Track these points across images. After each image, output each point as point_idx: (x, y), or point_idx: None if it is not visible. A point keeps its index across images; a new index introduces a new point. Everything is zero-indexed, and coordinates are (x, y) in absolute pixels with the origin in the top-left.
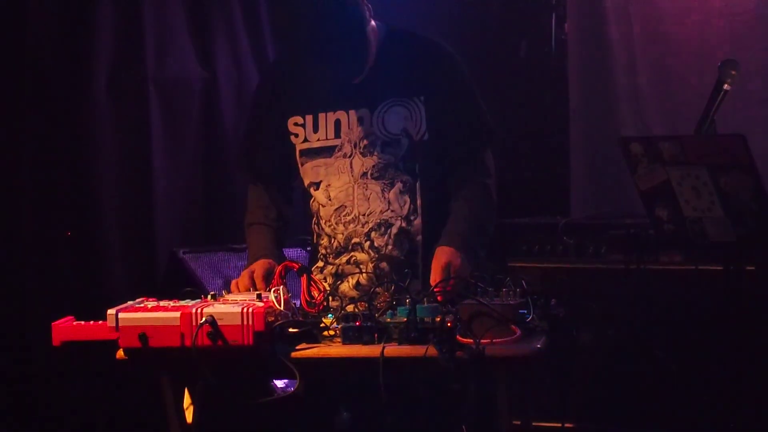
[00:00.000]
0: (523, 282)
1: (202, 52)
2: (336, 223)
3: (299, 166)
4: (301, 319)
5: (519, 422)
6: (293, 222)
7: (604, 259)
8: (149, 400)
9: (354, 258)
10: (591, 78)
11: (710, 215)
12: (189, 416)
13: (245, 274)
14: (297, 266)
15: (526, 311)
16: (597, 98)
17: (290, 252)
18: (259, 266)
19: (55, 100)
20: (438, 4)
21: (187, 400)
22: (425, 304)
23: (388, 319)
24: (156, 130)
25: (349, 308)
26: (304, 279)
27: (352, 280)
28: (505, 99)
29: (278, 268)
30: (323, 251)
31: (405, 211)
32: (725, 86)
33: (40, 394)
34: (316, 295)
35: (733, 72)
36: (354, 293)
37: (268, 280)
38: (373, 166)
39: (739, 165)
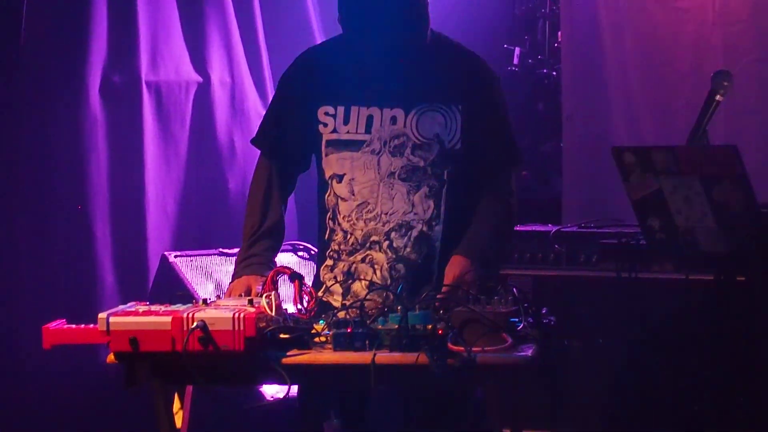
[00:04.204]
0: (514, 290)
1: (197, 57)
2: (356, 219)
3: (323, 156)
4: (292, 324)
5: (509, 430)
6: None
7: (595, 267)
8: (139, 404)
9: (370, 257)
10: (584, 86)
11: (702, 225)
12: (178, 421)
13: (239, 288)
14: (289, 272)
15: (517, 319)
16: (590, 107)
17: (281, 256)
18: (254, 283)
19: (47, 101)
20: (431, 11)
21: (176, 404)
22: (417, 311)
23: (380, 326)
24: (148, 134)
25: (341, 315)
26: (296, 285)
27: (365, 281)
28: None
29: (270, 274)
30: (336, 247)
31: (428, 216)
32: (718, 97)
33: (31, 397)
34: (308, 301)
35: (726, 83)
36: (370, 295)
37: None
38: (402, 167)
39: (731, 176)
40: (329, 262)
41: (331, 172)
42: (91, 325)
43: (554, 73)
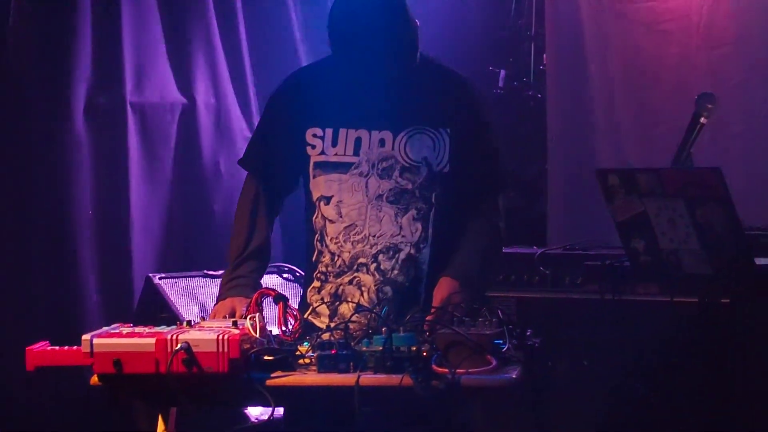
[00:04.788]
0: (499, 312)
1: (181, 78)
2: (344, 241)
3: (310, 178)
4: (276, 346)
5: None
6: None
7: (580, 289)
8: (123, 426)
9: (358, 279)
10: (569, 109)
11: (686, 247)
12: None
13: (223, 310)
14: (273, 294)
15: (501, 341)
16: (575, 129)
17: (266, 279)
18: (239, 305)
19: (32, 123)
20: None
21: (160, 426)
22: (401, 333)
23: (364, 348)
24: (134, 155)
25: (325, 336)
26: (280, 306)
27: (352, 303)
28: None
29: (254, 296)
30: (323, 269)
31: (415, 238)
32: (702, 119)
33: (14, 419)
34: (292, 322)
35: (710, 105)
36: (355, 317)
37: None
38: (390, 190)
39: (715, 198)
40: (316, 283)
41: (318, 194)
42: (75, 347)
43: (539, 95)
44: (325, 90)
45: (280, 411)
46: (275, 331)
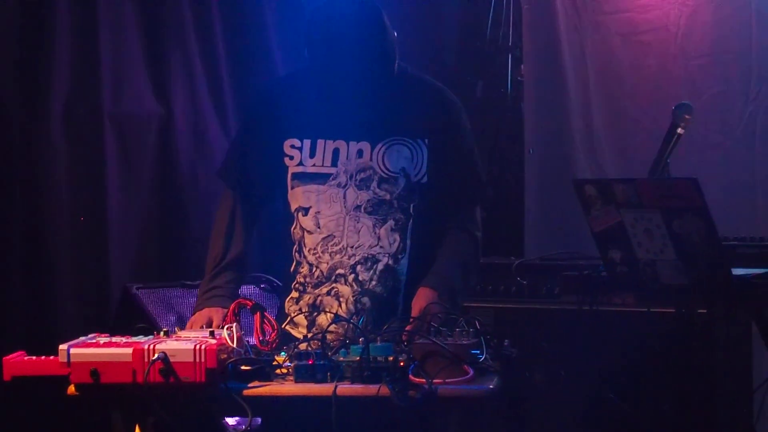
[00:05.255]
0: (476, 322)
1: (159, 89)
2: (322, 252)
3: (288, 189)
4: (253, 356)
5: None
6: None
7: (557, 300)
8: None
9: (336, 290)
10: (546, 119)
11: (663, 258)
12: None
13: (200, 321)
14: (250, 304)
15: (479, 351)
16: (552, 139)
17: (243, 289)
18: (216, 315)
19: (8, 130)
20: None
21: None
22: (378, 343)
23: (341, 358)
24: (111, 166)
25: (302, 346)
26: (257, 317)
27: (330, 313)
28: None
29: (231, 306)
30: (302, 280)
31: (393, 249)
32: (679, 130)
33: None
34: (269, 332)
35: (687, 116)
36: (332, 327)
37: None
38: (368, 201)
39: (692, 208)
40: (294, 294)
41: (296, 204)
42: (52, 357)
43: (516, 106)
44: (303, 101)
45: (257, 421)
46: (252, 341)
